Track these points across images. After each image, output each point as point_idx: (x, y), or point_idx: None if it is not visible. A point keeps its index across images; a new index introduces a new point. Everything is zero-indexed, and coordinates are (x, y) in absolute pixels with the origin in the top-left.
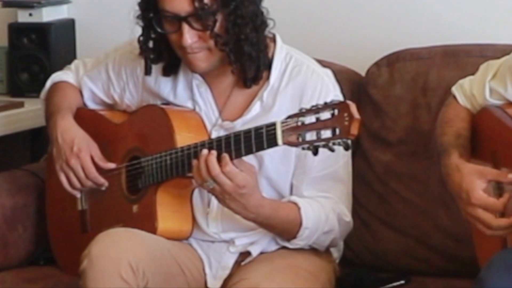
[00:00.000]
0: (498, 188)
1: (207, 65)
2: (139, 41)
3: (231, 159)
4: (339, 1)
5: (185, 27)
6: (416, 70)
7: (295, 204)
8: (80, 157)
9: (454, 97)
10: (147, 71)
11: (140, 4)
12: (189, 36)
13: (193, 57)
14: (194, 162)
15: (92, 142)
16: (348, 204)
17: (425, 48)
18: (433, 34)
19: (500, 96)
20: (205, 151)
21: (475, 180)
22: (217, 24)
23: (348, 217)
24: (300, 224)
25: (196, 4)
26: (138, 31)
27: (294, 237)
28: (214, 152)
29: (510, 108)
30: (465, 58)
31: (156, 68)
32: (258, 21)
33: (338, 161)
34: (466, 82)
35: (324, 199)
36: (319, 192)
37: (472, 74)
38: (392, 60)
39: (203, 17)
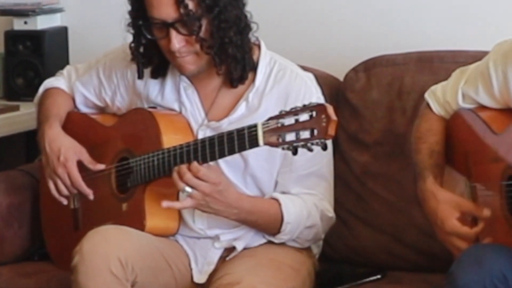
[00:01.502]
0: (472, 192)
1: (195, 67)
2: (130, 47)
3: (214, 159)
4: (319, 11)
5: (173, 33)
6: (391, 75)
7: (276, 200)
8: (67, 166)
9: (428, 104)
10: (140, 75)
11: (130, 13)
12: (177, 41)
13: (182, 60)
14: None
15: (79, 147)
16: (330, 200)
17: (400, 54)
18: (407, 41)
19: (472, 100)
20: (175, 169)
21: (449, 209)
22: (202, 29)
23: (331, 213)
24: (282, 219)
25: (182, 10)
26: (130, 38)
27: (278, 231)
28: (184, 167)
29: (481, 111)
30: (438, 64)
31: (145, 71)
32: (242, 24)
33: (322, 159)
34: (438, 88)
35: (308, 195)
36: (304, 189)
37: (445, 79)
38: (369, 66)
39: (189, 23)
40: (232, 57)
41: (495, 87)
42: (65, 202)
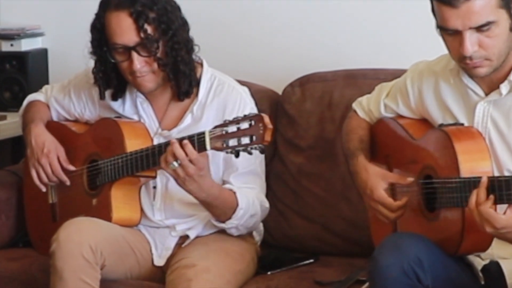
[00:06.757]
0: (391, 189)
1: (153, 85)
2: (93, 72)
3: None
4: (262, 35)
5: (134, 55)
6: (323, 89)
7: (231, 190)
8: (49, 157)
9: (355, 111)
10: (101, 96)
11: (92, 42)
12: (138, 62)
13: (142, 79)
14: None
15: (60, 146)
16: (264, 193)
17: (330, 72)
18: (336, 61)
19: (393, 111)
20: (174, 141)
21: (379, 181)
22: (159, 50)
23: (267, 204)
24: (237, 204)
25: (142, 35)
26: (92, 64)
27: (230, 217)
28: (185, 142)
29: (401, 119)
30: (362, 80)
31: (107, 93)
32: (190, 45)
33: (256, 160)
34: (364, 99)
35: (249, 189)
36: (244, 184)
37: (368, 92)
38: (304, 82)
39: (148, 45)
40: (182, 72)
41: (412, 101)
42: (44, 189)
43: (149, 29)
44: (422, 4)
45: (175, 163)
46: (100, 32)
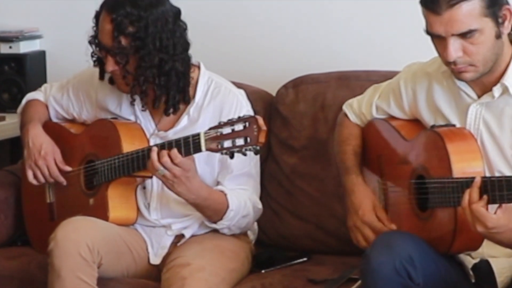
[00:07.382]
0: (383, 190)
1: (125, 88)
2: (92, 55)
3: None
4: (257, 38)
5: (107, 56)
6: (316, 91)
7: (222, 191)
8: (47, 159)
9: (346, 115)
10: (101, 76)
11: (93, 28)
12: (110, 65)
13: (115, 79)
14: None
15: (56, 148)
16: (258, 194)
17: (323, 73)
18: (329, 63)
19: (385, 112)
20: (155, 149)
21: (371, 206)
22: (129, 63)
23: (260, 205)
24: (227, 206)
25: (115, 43)
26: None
27: (221, 218)
28: (165, 151)
29: (393, 121)
30: (354, 82)
31: (106, 87)
32: (166, 67)
33: (251, 161)
34: (354, 102)
35: (242, 190)
36: (238, 185)
37: (361, 93)
38: (297, 83)
39: (117, 54)
40: (158, 96)
41: (405, 102)
42: (36, 183)
43: (123, 40)
44: (415, 7)
45: (162, 169)
46: (96, 24)
